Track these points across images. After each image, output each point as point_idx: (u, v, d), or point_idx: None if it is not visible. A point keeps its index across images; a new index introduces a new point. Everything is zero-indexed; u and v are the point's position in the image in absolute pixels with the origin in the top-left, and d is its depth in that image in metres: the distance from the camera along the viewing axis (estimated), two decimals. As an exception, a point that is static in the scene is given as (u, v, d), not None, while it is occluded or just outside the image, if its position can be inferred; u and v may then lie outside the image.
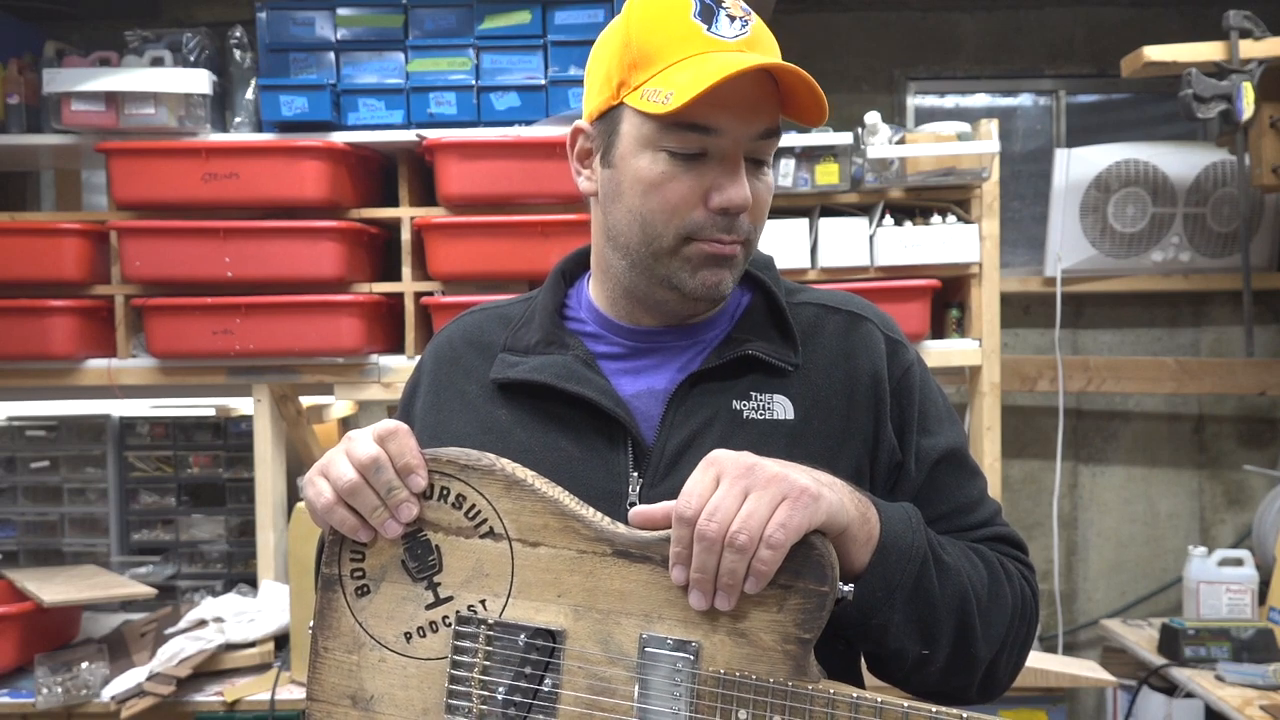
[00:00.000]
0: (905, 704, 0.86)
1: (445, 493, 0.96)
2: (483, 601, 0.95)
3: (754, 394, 1.07)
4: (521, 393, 1.10)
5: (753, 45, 1.02)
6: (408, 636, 0.97)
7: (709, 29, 1.01)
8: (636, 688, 0.91)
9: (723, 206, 1.02)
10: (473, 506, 0.96)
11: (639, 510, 0.93)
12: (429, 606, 0.97)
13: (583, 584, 0.93)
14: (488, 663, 0.94)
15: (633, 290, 1.10)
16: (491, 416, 1.11)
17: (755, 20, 1.04)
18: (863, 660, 1.08)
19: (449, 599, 0.96)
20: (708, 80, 0.96)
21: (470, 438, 1.06)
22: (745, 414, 1.06)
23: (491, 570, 0.95)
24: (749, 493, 0.87)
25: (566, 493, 0.97)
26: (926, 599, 0.97)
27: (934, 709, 0.86)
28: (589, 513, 0.95)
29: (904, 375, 1.11)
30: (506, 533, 0.95)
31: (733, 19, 1.02)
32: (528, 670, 0.93)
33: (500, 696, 0.94)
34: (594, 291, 1.16)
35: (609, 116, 1.06)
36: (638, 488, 1.05)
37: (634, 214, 1.05)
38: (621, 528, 0.93)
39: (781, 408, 1.07)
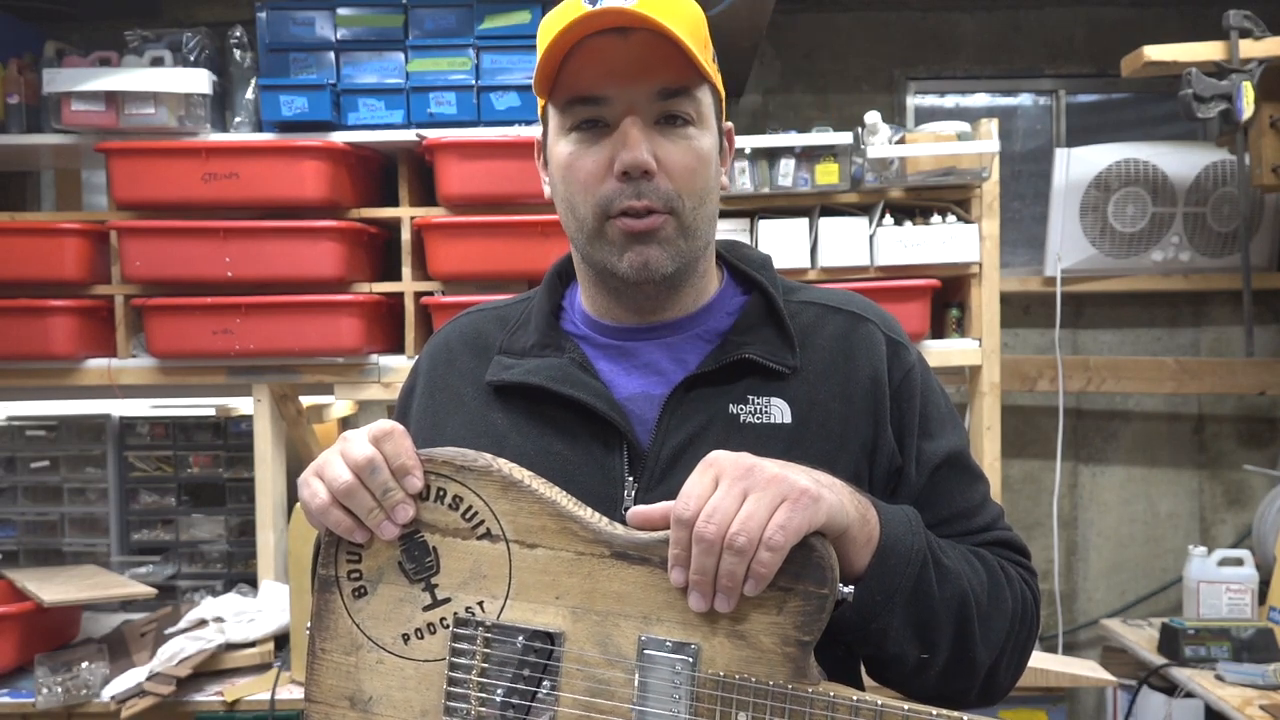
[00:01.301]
0: (906, 706, 0.86)
1: (442, 494, 0.96)
2: (480, 603, 0.95)
3: (751, 398, 1.06)
4: (517, 395, 1.10)
5: (640, 8, 0.99)
6: (405, 638, 0.97)
7: (592, 4, 1.00)
8: (635, 690, 0.90)
9: (620, 169, 1.01)
10: (469, 508, 0.95)
11: (637, 511, 0.93)
12: (426, 608, 0.96)
13: (581, 585, 0.92)
14: (486, 665, 0.94)
15: (598, 283, 1.11)
16: (487, 419, 1.10)
17: None
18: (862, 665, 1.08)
19: (446, 600, 0.96)
20: (545, 42, 0.99)
21: (465, 440, 1.06)
22: (742, 418, 1.05)
23: (489, 572, 0.95)
24: (748, 494, 0.86)
25: (564, 493, 0.96)
26: (926, 602, 0.96)
27: (934, 711, 0.85)
28: (587, 513, 0.94)
29: (905, 378, 1.10)
30: (504, 534, 0.95)
31: None
32: (526, 672, 0.93)
33: (498, 699, 0.93)
34: (580, 293, 1.16)
35: (544, 120, 1.10)
36: (633, 492, 1.04)
37: (564, 202, 1.07)
38: (620, 529, 0.93)
39: (779, 411, 1.06)
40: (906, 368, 1.11)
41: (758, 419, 1.05)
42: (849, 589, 0.90)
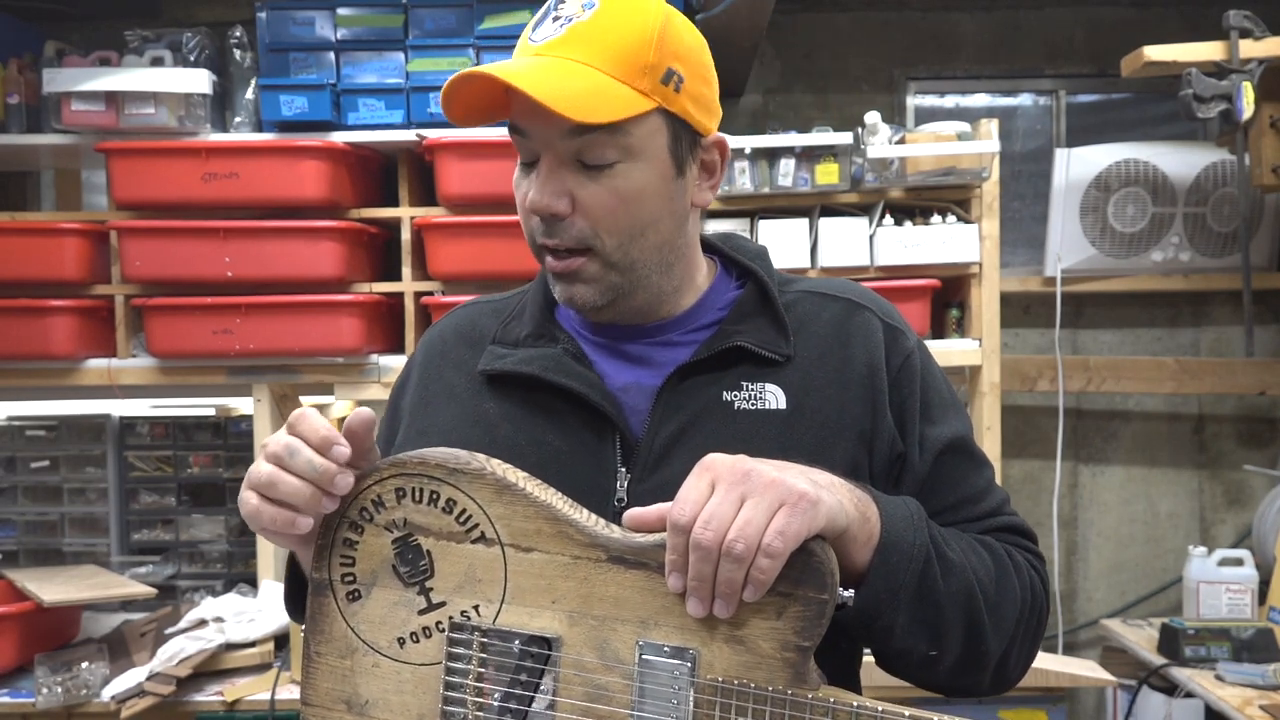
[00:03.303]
0: (907, 713, 0.85)
1: (435, 497, 0.95)
2: (475, 607, 0.94)
3: (745, 384, 1.05)
4: (509, 385, 1.09)
5: (563, 45, 0.98)
6: (401, 642, 0.96)
7: (531, 35, 1.01)
8: (634, 695, 0.90)
9: (528, 208, 1.02)
10: (463, 511, 0.94)
11: (633, 513, 0.92)
12: (422, 612, 0.96)
13: (577, 590, 0.92)
14: (482, 669, 0.94)
15: None
16: (479, 409, 1.10)
17: (588, 17, 0.99)
18: (868, 658, 1.07)
19: (441, 604, 0.95)
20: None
21: (456, 430, 1.06)
22: (736, 405, 1.04)
23: (484, 576, 0.94)
24: (745, 499, 0.85)
25: (560, 495, 0.96)
26: (931, 598, 0.95)
27: (935, 716, 0.85)
28: (583, 516, 0.94)
29: (904, 364, 1.09)
30: (498, 537, 0.94)
31: (557, 19, 1.00)
32: (523, 677, 0.92)
33: (496, 703, 0.93)
34: None
35: None
36: (625, 482, 1.03)
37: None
38: (616, 532, 0.92)
39: (774, 397, 1.05)
40: (905, 353, 1.09)
41: (752, 405, 1.04)
42: (849, 593, 0.89)
